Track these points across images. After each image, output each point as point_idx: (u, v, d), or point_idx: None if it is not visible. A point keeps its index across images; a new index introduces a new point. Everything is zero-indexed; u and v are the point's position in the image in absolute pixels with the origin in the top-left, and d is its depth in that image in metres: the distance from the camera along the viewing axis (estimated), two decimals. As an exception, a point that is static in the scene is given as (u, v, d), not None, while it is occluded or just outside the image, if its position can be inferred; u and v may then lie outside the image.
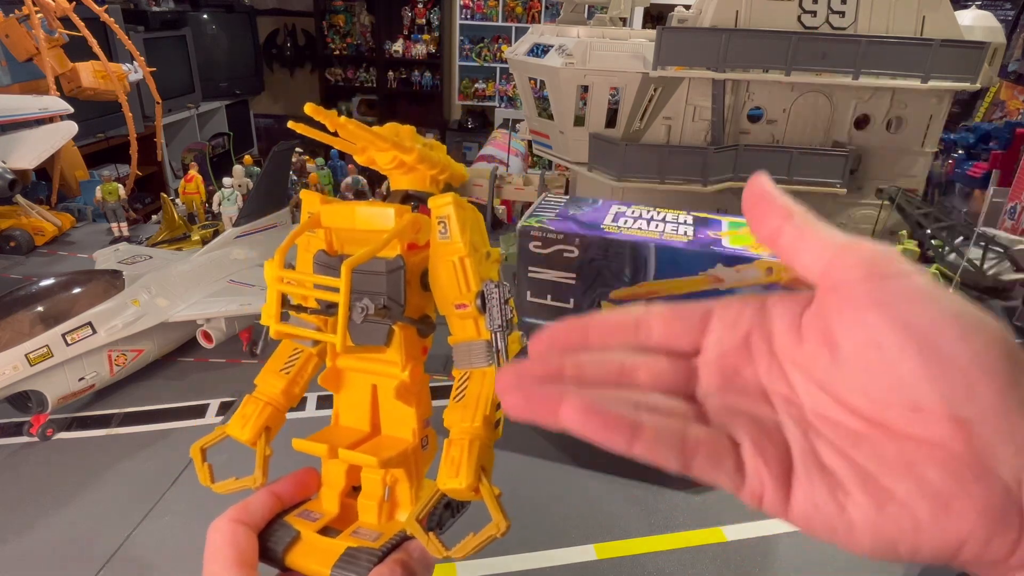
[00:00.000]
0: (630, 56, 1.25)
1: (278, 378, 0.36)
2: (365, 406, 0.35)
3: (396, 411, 0.35)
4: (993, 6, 3.04)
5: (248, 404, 0.36)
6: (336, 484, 0.35)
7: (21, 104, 1.55)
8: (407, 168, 0.35)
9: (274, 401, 0.36)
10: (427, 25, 4.95)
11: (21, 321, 0.82)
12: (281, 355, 0.37)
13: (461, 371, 0.34)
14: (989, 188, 1.81)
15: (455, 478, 0.31)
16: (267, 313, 0.32)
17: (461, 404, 0.32)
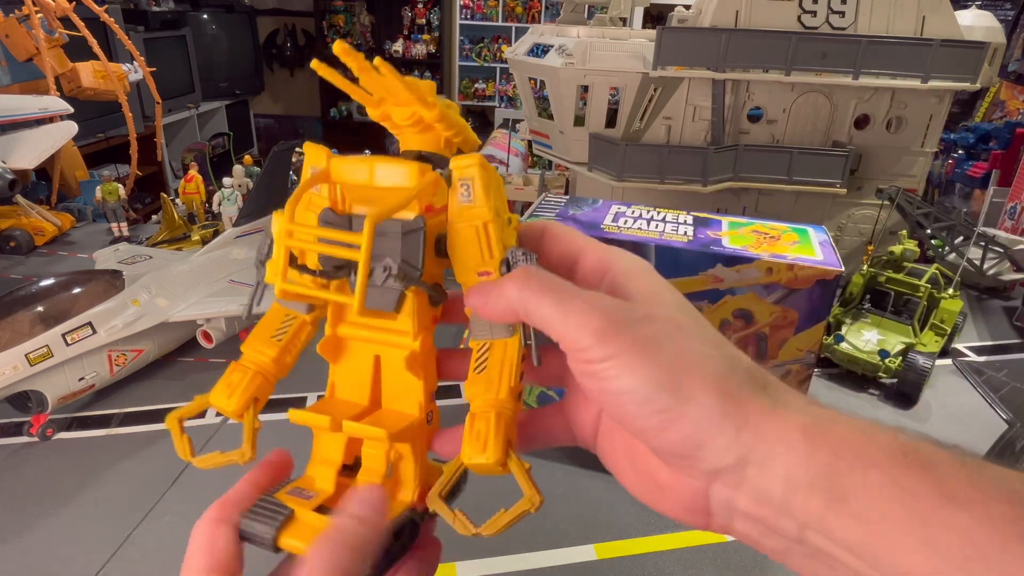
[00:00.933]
0: (630, 56, 1.25)
1: (269, 345, 0.32)
2: (366, 378, 0.33)
3: (401, 383, 0.33)
4: (993, 6, 3.04)
5: (235, 371, 0.32)
6: (332, 460, 0.32)
7: (21, 104, 1.55)
8: (423, 127, 0.31)
9: (264, 370, 0.32)
10: (427, 25, 4.96)
11: (21, 321, 0.82)
12: (271, 321, 0.33)
13: (480, 342, 0.32)
14: (989, 188, 1.81)
15: (482, 453, 0.29)
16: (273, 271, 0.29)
17: (484, 376, 0.31)
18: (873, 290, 1.13)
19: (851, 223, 1.39)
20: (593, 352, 0.25)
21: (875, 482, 0.22)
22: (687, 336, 0.26)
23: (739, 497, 0.25)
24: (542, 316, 0.27)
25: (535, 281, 0.28)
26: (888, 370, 1.02)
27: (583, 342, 0.26)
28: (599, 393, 0.26)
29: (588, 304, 0.26)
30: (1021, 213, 1.75)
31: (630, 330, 0.26)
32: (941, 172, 2.43)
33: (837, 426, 0.24)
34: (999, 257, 1.36)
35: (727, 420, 0.24)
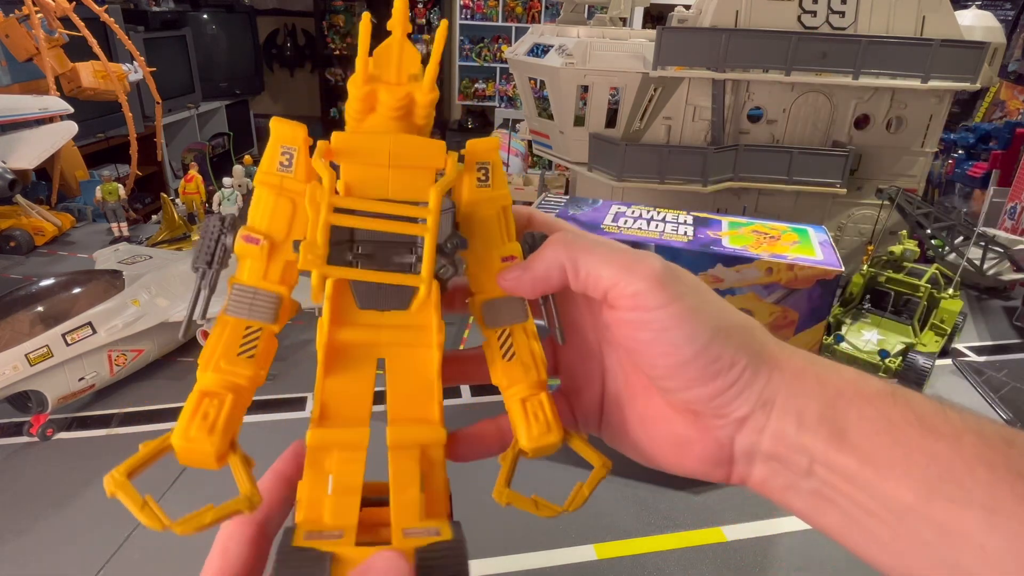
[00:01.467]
0: (630, 56, 1.25)
1: (241, 364, 0.26)
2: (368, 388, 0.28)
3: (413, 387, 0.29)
4: (993, 6, 3.04)
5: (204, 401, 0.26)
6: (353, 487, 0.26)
7: (21, 104, 1.55)
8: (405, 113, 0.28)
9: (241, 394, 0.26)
10: (427, 25, 4.96)
11: (21, 321, 0.82)
12: (231, 336, 0.27)
13: (497, 330, 0.30)
14: (989, 188, 1.81)
15: (548, 433, 0.29)
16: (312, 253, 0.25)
17: (517, 361, 0.30)
18: (873, 290, 1.13)
19: (851, 223, 1.39)
20: (648, 298, 0.27)
21: (869, 416, 0.25)
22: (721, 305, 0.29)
23: (762, 439, 0.27)
24: (592, 266, 0.28)
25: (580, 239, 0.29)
26: (888, 370, 1.02)
27: (637, 286, 0.27)
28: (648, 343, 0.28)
29: (637, 253, 0.29)
30: (1021, 213, 1.75)
31: (678, 281, 0.28)
32: (941, 172, 2.43)
33: (837, 369, 0.27)
34: (999, 257, 1.36)
35: (763, 367, 0.27)
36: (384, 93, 0.27)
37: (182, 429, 0.25)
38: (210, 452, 0.25)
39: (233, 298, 0.28)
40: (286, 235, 0.28)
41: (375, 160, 0.27)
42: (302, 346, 1.07)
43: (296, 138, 0.29)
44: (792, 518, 0.75)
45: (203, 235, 0.28)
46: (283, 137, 0.29)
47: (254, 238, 0.28)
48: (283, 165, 0.28)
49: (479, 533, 0.71)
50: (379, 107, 0.28)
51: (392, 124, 0.28)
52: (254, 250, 0.28)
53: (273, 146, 0.29)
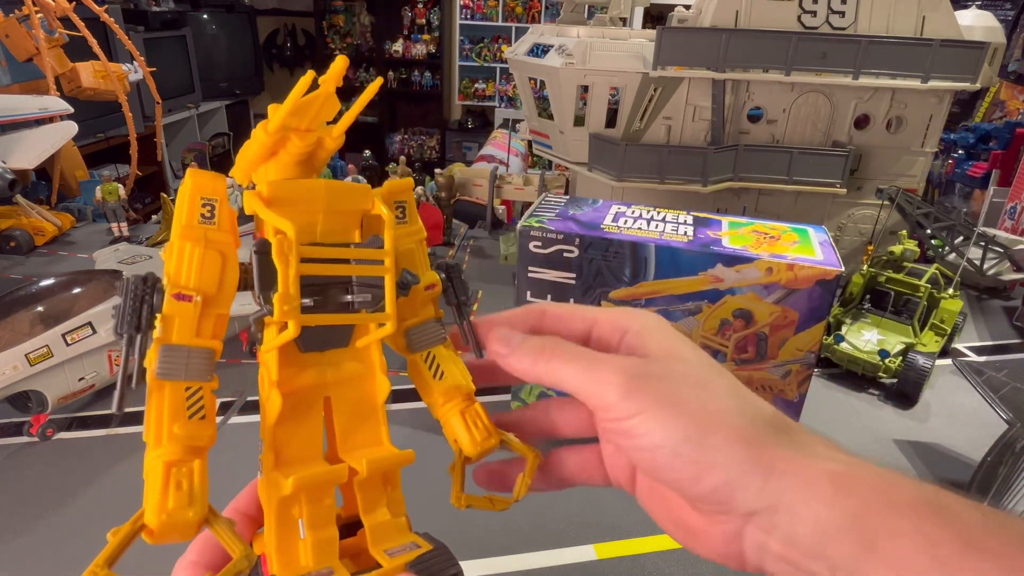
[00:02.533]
0: (630, 56, 1.25)
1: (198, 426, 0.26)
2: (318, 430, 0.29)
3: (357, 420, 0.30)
4: (993, 6, 3.04)
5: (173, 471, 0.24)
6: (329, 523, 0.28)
7: (21, 104, 1.55)
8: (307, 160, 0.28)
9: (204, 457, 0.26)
10: (427, 25, 4.96)
11: (21, 321, 0.82)
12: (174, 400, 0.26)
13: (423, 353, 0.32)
14: (989, 188, 1.81)
15: (489, 438, 0.31)
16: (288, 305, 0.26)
17: (450, 378, 0.32)
18: (873, 290, 1.13)
19: (851, 223, 1.39)
20: (620, 410, 0.27)
21: (901, 530, 0.23)
22: (709, 389, 0.27)
23: (770, 540, 0.25)
24: (567, 379, 0.29)
25: (560, 349, 0.30)
26: (888, 370, 1.02)
27: (608, 399, 0.27)
28: (630, 449, 0.28)
29: (610, 365, 0.28)
30: (1021, 213, 1.75)
31: (653, 386, 0.27)
32: (941, 172, 2.43)
33: (863, 472, 0.25)
34: (999, 257, 1.36)
35: (756, 469, 0.25)
36: (295, 139, 0.27)
37: (157, 504, 0.24)
38: (193, 522, 0.24)
39: (164, 360, 0.26)
40: (218, 288, 0.28)
41: (309, 207, 0.28)
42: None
43: (217, 189, 0.28)
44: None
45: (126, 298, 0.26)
46: (202, 188, 0.28)
47: (186, 296, 0.27)
48: (204, 217, 0.27)
49: (479, 533, 0.71)
50: (283, 153, 0.28)
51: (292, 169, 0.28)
52: (188, 308, 0.27)
53: (193, 198, 0.27)
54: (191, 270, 0.27)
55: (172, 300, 0.27)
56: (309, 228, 0.28)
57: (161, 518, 0.23)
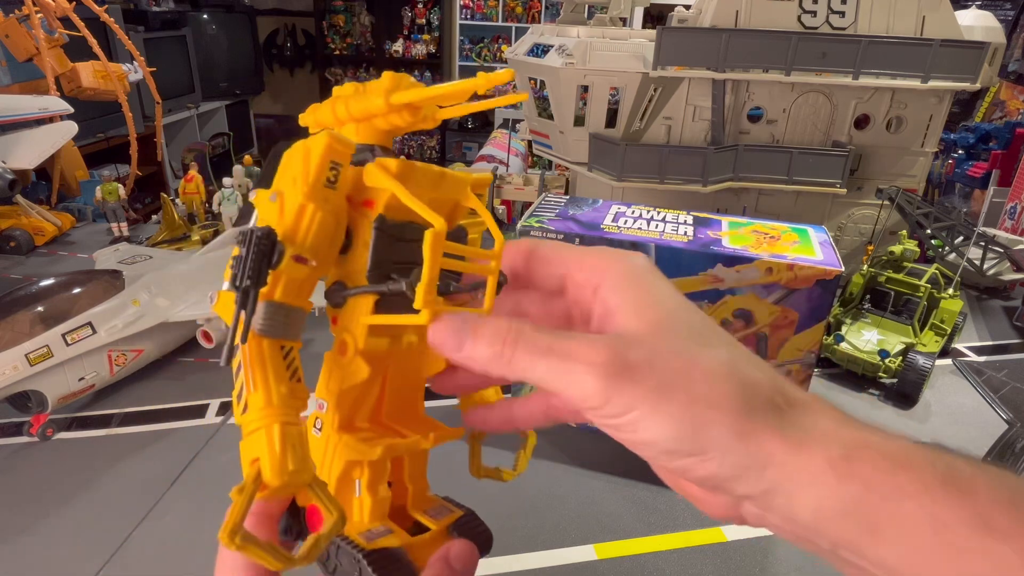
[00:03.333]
0: (630, 56, 1.25)
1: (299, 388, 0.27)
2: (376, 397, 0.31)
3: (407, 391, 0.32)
4: (993, 6, 3.04)
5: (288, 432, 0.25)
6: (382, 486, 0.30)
7: (21, 104, 1.55)
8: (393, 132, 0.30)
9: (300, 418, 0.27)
10: (427, 25, 4.96)
11: (21, 321, 0.82)
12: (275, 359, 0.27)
13: None
14: (989, 188, 1.81)
15: None
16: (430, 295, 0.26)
17: None
18: (873, 290, 1.13)
19: (851, 223, 1.39)
20: (606, 410, 0.25)
21: (909, 514, 0.22)
22: (698, 369, 0.25)
23: (770, 515, 0.25)
24: (537, 381, 0.26)
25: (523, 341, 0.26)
26: (888, 370, 1.02)
27: (590, 402, 0.25)
28: (623, 442, 0.26)
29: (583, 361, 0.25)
30: (1021, 213, 1.75)
31: (637, 381, 0.24)
32: (941, 172, 2.44)
33: (868, 453, 0.23)
34: (999, 257, 1.36)
35: (752, 461, 0.24)
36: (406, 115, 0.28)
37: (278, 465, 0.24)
38: (307, 481, 0.25)
39: (270, 318, 0.26)
40: (327, 252, 0.28)
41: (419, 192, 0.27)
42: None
43: (345, 155, 0.28)
44: (792, 518, 0.75)
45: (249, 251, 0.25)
46: (335, 152, 0.27)
47: (303, 258, 0.27)
48: (329, 181, 0.27)
49: (479, 533, 0.71)
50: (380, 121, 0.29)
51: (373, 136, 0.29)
52: (302, 270, 0.27)
53: (324, 160, 0.27)
54: (310, 232, 0.27)
55: (291, 260, 0.26)
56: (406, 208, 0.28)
57: (283, 479, 0.24)
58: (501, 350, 0.26)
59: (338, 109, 0.29)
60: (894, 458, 0.23)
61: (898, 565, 0.22)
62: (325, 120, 0.30)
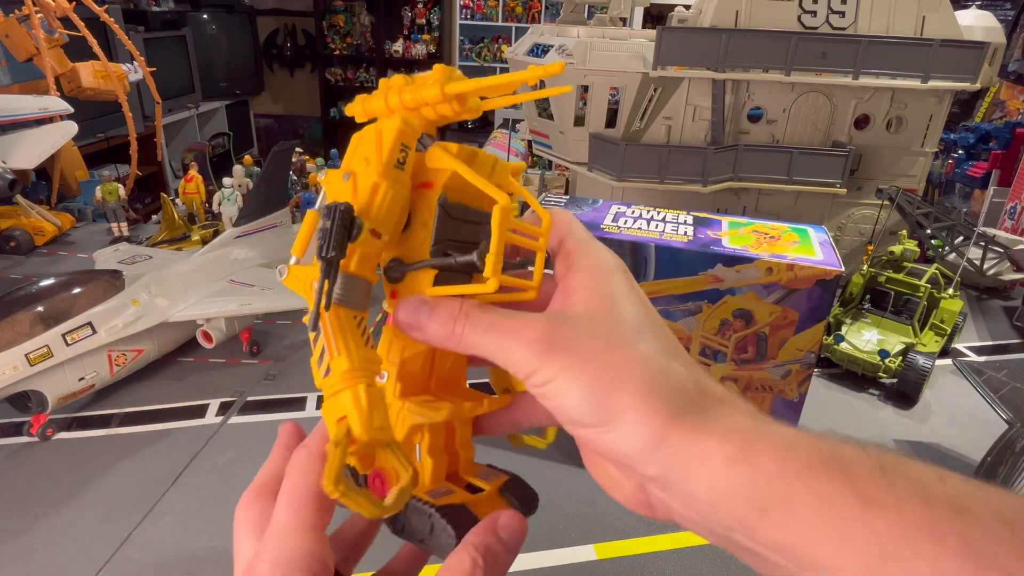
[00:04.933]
0: (630, 56, 1.25)
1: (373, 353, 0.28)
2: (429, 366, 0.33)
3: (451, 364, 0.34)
4: (993, 6, 3.04)
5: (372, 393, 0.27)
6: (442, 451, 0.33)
7: (21, 104, 1.55)
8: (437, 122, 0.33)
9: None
10: (427, 25, 4.96)
11: (21, 321, 0.82)
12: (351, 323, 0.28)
13: None
14: (989, 188, 1.81)
15: None
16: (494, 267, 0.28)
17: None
18: (873, 290, 1.13)
19: (851, 223, 1.39)
20: (535, 379, 0.27)
21: (794, 493, 0.23)
22: (622, 350, 0.27)
23: (671, 499, 0.27)
24: (483, 354, 0.29)
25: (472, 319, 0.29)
26: (888, 370, 1.02)
27: (524, 371, 0.28)
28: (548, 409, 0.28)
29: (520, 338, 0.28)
30: (1021, 213, 1.75)
31: (562, 355, 0.27)
32: (941, 172, 2.44)
33: (760, 442, 0.25)
34: (999, 257, 1.36)
35: (646, 439, 0.26)
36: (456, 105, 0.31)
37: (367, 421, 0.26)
38: (390, 438, 0.27)
39: (347, 288, 0.28)
40: (395, 229, 0.30)
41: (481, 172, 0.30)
42: (301, 346, 1.07)
43: (413, 138, 0.30)
44: (792, 518, 0.75)
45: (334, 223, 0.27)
46: (406, 135, 0.29)
47: (379, 233, 0.28)
48: (399, 162, 0.29)
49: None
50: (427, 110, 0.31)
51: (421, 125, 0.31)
52: (377, 244, 0.28)
53: (397, 142, 0.29)
54: (383, 208, 0.28)
55: (368, 234, 0.28)
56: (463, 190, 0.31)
57: (371, 434, 0.26)
58: (452, 328, 0.29)
59: (391, 98, 0.31)
60: (783, 444, 0.25)
61: (788, 542, 0.23)
62: (376, 109, 0.31)
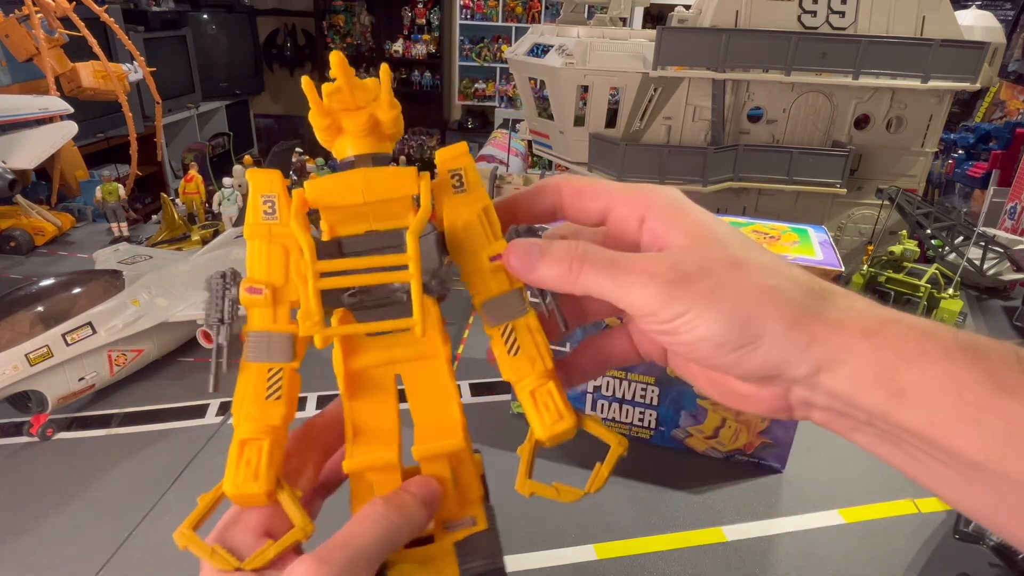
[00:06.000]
0: (630, 56, 1.25)
1: (272, 407, 0.29)
2: (392, 402, 0.31)
3: (433, 393, 0.31)
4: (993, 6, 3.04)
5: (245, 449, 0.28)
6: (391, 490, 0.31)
7: (21, 104, 1.55)
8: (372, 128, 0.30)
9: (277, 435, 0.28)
10: (427, 25, 4.96)
11: (21, 321, 0.82)
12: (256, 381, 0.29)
13: (500, 327, 0.31)
14: (989, 188, 1.81)
15: (560, 420, 0.30)
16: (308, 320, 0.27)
17: (524, 355, 0.30)
18: (873, 290, 1.13)
19: (851, 223, 1.39)
20: (663, 315, 0.27)
21: (931, 376, 0.24)
22: (745, 272, 0.27)
23: (814, 396, 0.27)
24: (601, 292, 0.28)
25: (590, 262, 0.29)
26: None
27: (649, 308, 0.27)
28: (676, 345, 0.28)
29: (645, 273, 0.27)
30: (1021, 213, 1.75)
31: (691, 286, 0.27)
32: (941, 172, 2.44)
33: (897, 326, 0.26)
34: (999, 257, 1.36)
35: (796, 343, 0.26)
36: (346, 120, 0.29)
37: (231, 478, 0.27)
38: (258, 494, 0.27)
39: (250, 345, 0.29)
40: (285, 279, 0.30)
41: (350, 199, 0.29)
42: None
43: (273, 185, 0.30)
44: (792, 518, 0.75)
45: (210, 293, 0.30)
46: (261, 187, 0.30)
47: (256, 288, 0.29)
48: (267, 213, 0.30)
49: (479, 533, 0.71)
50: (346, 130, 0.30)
51: (363, 141, 0.30)
52: (259, 299, 0.29)
53: (254, 197, 0.30)
54: (260, 265, 0.30)
55: (245, 293, 0.29)
56: (358, 217, 0.29)
57: (232, 491, 0.27)
58: (569, 267, 0.29)
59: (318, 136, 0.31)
60: (920, 329, 0.25)
61: (921, 427, 0.24)
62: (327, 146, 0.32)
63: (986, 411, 0.23)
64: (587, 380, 0.35)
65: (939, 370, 0.24)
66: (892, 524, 0.75)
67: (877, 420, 0.25)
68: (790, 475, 0.81)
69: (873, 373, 0.25)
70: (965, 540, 0.69)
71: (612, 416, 0.82)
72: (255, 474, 0.27)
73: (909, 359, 0.25)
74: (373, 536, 0.27)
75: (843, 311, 0.27)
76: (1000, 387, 0.23)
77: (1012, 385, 0.23)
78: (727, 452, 0.81)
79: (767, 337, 0.26)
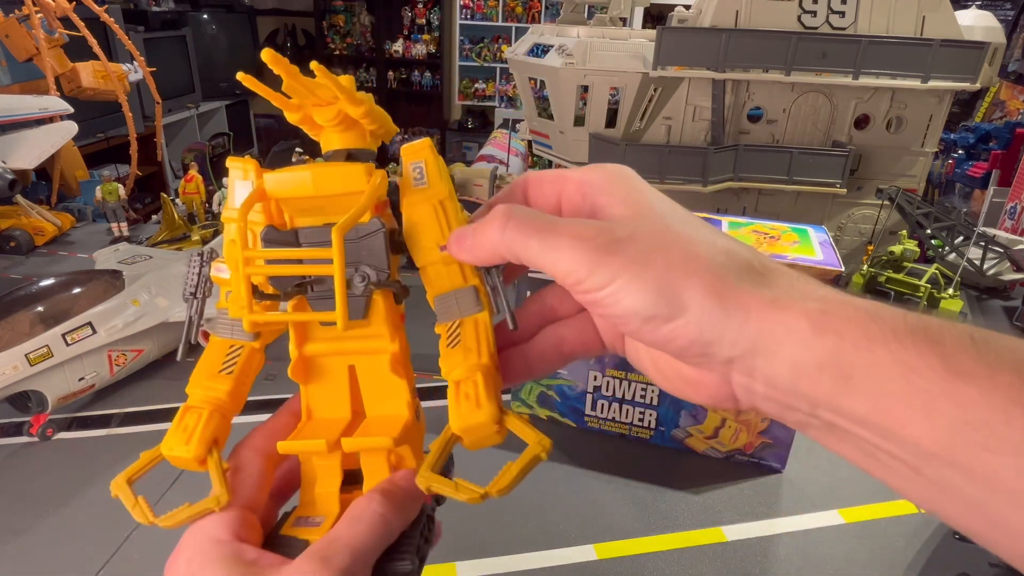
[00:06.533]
0: (630, 56, 1.25)
1: (219, 380, 0.30)
2: (344, 391, 0.32)
3: (382, 388, 0.32)
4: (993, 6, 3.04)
5: (186, 414, 0.30)
6: (332, 480, 0.31)
7: (21, 104, 1.55)
8: (347, 124, 0.30)
9: (220, 407, 0.30)
10: (427, 25, 4.96)
11: (21, 321, 0.82)
12: (214, 355, 0.31)
13: (447, 324, 0.31)
14: (989, 188, 1.81)
15: (478, 410, 0.28)
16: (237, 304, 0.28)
17: (460, 347, 0.30)
18: (873, 290, 1.13)
19: (851, 223, 1.39)
20: (591, 282, 0.26)
21: (880, 360, 0.22)
22: (677, 241, 0.26)
23: (754, 383, 0.25)
24: (529, 256, 0.27)
25: (516, 220, 0.27)
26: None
27: (578, 275, 0.26)
28: (606, 318, 0.27)
29: (573, 236, 0.26)
30: (1021, 213, 1.75)
31: (620, 253, 0.26)
32: (941, 172, 2.44)
33: (843, 308, 0.24)
34: (999, 257, 1.36)
35: (729, 318, 0.24)
36: (316, 115, 0.30)
37: (167, 440, 0.30)
38: (189, 459, 0.30)
39: (218, 322, 0.31)
40: None
41: (304, 192, 0.29)
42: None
43: (247, 174, 0.31)
44: (792, 518, 0.75)
45: (188, 270, 0.32)
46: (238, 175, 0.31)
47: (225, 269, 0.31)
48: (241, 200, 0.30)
49: (479, 533, 0.71)
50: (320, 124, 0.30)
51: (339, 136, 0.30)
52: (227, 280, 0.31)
53: (231, 185, 0.31)
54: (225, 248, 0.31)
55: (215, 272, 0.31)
56: (316, 209, 0.30)
57: (166, 452, 0.30)
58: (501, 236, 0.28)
59: None
60: (867, 310, 0.24)
61: (870, 414, 0.23)
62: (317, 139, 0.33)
63: (938, 397, 0.21)
64: (551, 371, 0.34)
65: (887, 354, 0.22)
66: (892, 524, 0.75)
67: (821, 410, 0.24)
68: (790, 475, 0.81)
69: (815, 357, 0.23)
70: (965, 540, 0.69)
71: (612, 416, 0.82)
72: (188, 439, 0.29)
73: (854, 342, 0.23)
74: (373, 537, 0.27)
75: (782, 289, 0.25)
76: (953, 372, 0.21)
77: (966, 370, 0.21)
78: (727, 452, 0.81)
79: (695, 310, 0.25)
